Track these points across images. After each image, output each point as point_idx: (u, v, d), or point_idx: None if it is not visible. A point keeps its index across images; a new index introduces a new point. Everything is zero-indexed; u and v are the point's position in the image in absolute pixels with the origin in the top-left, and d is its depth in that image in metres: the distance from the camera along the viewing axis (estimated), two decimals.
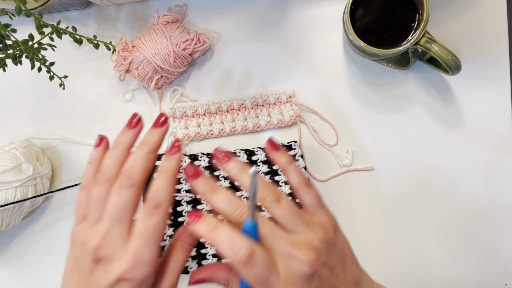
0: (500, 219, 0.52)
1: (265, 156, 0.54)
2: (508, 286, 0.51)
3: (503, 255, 0.51)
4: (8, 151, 0.53)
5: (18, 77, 0.59)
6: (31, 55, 0.44)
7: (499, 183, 0.52)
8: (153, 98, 0.57)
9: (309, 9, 0.55)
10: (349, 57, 0.54)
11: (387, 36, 0.48)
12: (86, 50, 0.58)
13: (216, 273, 0.36)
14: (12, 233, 0.58)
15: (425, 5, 0.44)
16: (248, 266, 0.31)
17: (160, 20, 0.53)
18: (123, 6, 0.57)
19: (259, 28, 0.55)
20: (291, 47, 0.55)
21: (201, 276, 0.36)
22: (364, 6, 0.48)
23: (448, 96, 0.53)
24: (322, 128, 0.54)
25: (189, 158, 0.55)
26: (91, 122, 0.58)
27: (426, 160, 0.53)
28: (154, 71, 0.52)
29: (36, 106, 0.59)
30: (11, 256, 0.58)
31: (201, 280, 0.36)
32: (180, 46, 0.51)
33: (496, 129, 0.52)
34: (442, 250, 0.52)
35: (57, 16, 0.58)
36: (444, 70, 0.48)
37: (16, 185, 0.51)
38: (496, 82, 0.52)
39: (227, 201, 0.35)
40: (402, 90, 0.53)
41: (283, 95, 0.54)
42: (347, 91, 0.54)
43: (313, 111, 0.54)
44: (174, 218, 0.55)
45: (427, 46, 0.45)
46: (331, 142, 0.54)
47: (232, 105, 0.55)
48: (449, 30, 0.52)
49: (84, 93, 0.58)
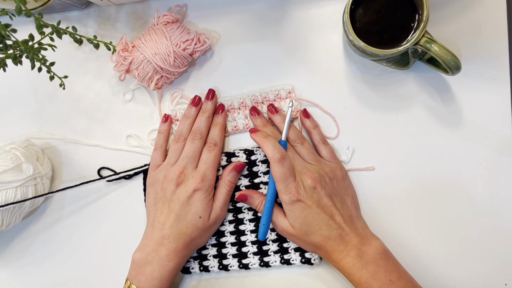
0: (500, 219, 0.52)
1: (264, 155, 0.54)
2: (508, 286, 0.51)
3: (503, 255, 0.51)
4: (8, 151, 0.53)
5: (18, 77, 0.59)
6: (31, 55, 0.44)
7: (499, 183, 0.52)
8: (153, 98, 0.57)
9: (309, 9, 0.55)
10: (349, 57, 0.54)
11: (387, 36, 0.48)
12: (86, 50, 0.58)
13: (253, 192, 0.52)
14: (12, 233, 0.59)
15: (425, 5, 0.44)
16: (279, 163, 0.47)
17: (160, 20, 0.53)
18: (123, 6, 0.57)
19: (259, 28, 0.55)
20: (291, 47, 0.55)
21: (244, 194, 0.51)
22: (364, 6, 0.48)
23: (448, 96, 0.53)
24: (323, 121, 0.54)
25: None
26: (91, 122, 0.58)
27: (426, 160, 0.53)
28: (154, 71, 0.52)
29: (36, 106, 0.59)
30: (11, 256, 0.59)
31: (243, 196, 0.51)
32: (180, 46, 0.51)
33: (496, 129, 0.52)
34: (442, 250, 0.52)
35: (57, 16, 0.58)
36: (444, 70, 0.48)
37: (16, 185, 0.51)
38: (496, 82, 0.52)
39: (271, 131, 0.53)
40: (402, 90, 0.53)
41: (282, 91, 0.54)
42: (347, 91, 0.54)
43: (314, 103, 0.54)
44: None
45: (427, 46, 0.45)
46: (332, 135, 0.54)
47: (233, 104, 0.55)
48: (449, 30, 0.52)
49: (84, 93, 0.58)
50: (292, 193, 0.47)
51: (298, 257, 0.52)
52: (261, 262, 0.53)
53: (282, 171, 0.47)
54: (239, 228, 0.54)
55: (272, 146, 0.48)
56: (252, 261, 0.53)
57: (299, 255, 0.52)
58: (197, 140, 0.52)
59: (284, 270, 0.54)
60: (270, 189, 0.50)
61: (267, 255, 0.53)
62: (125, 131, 0.57)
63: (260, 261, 0.53)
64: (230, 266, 0.54)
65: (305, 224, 0.47)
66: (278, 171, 0.47)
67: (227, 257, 0.54)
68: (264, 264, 0.53)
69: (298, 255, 0.52)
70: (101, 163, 0.57)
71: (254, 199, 0.51)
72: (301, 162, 0.49)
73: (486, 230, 0.52)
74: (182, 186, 0.50)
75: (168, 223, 0.49)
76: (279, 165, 0.47)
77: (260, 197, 0.51)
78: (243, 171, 0.54)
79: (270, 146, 0.48)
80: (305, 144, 0.51)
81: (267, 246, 0.53)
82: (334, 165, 0.51)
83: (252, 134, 0.50)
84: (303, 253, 0.52)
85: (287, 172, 0.47)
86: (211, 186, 0.51)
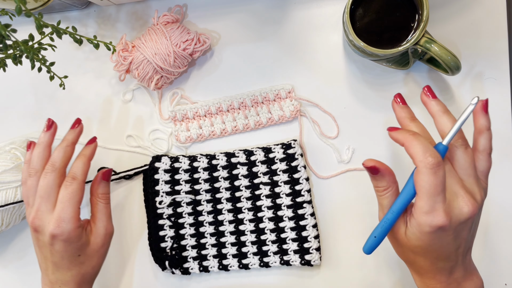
0: (500, 219, 0.52)
1: (263, 156, 0.54)
2: (508, 286, 0.51)
3: (503, 255, 0.51)
4: (8, 151, 0.53)
5: (18, 77, 0.59)
6: (31, 55, 0.44)
7: (498, 183, 0.52)
8: (153, 98, 0.57)
9: (309, 9, 0.55)
10: (349, 57, 0.54)
11: (387, 36, 0.48)
12: (86, 50, 0.58)
13: (388, 173, 0.39)
14: (12, 233, 0.58)
15: (425, 5, 0.44)
16: (432, 171, 0.35)
17: (160, 20, 0.53)
18: (123, 6, 0.57)
19: (259, 28, 0.55)
20: (291, 47, 0.55)
21: (377, 165, 0.39)
22: (364, 6, 0.48)
23: (448, 96, 0.53)
24: (323, 121, 0.54)
25: (188, 159, 0.55)
26: (91, 122, 0.58)
27: None
28: (154, 71, 0.52)
29: (36, 106, 0.59)
30: (11, 256, 0.58)
31: (374, 168, 0.39)
32: (180, 46, 0.52)
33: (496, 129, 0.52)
34: None
35: (57, 16, 0.58)
36: (444, 70, 0.48)
37: (16, 185, 0.51)
38: (496, 82, 0.52)
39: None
40: (402, 90, 0.53)
41: (282, 90, 0.54)
42: (347, 91, 0.54)
43: (314, 103, 0.54)
44: (175, 219, 0.55)
45: (427, 46, 0.45)
46: (332, 134, 0.54)
47: (232, 104, 0.55)
48: (449, 30, 0.52)
49: (84, 93, 0.58)
50: (438, 217, 0.35)
51: (298, 258, 0.52)
52: (261, 262, 0.53)
53: (434, 182, 0.35)
54: (239, 228, 0.54)
55: (424, 146, 0.36)
56: (252, 261, 0.53)
57: (299, 257, 0.52)
58: (49, 174, 0.44)
59: (284, 271, 0.54)
60: (403, 201, 0.38)
61: (267, 256, 0.53)
62: (125, 131, 0.57)
63: (260, 261, 0.53)
64: (230, 266, 0.54)
65: (423, 248, 0.38)
66: (428, 181, 0.35)
67: (227, 257, 0.54)
68: (264, 264, 0.53)
69: (298, 256, 0.52)
70: (101, 163, 0.57)
71: (384, 180, 0.39)
72: (456, 178, 0.37)
73: (486, 230, 0.52)
74: (41, 234, 0.44)
75: (50, 270, 0.46)
76: (431, 173, 0.35)
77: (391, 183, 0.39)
78: (243, 171, 0.54)
79: (420, 146, 0.36)
80: (469, 150, 0.39)
81: (267, 246, 0.53)
82: (486, 186, 0.40)
83: (392, 132, 0.39)
84: (303, 255, 0.52)
85: (439, 186, 0.35)
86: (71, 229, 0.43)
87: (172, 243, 0.54)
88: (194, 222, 0.55)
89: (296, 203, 0.53)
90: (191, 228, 0.55)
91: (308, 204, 0.53)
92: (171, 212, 0.55)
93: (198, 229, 0.55)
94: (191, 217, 0.55)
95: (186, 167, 0.55)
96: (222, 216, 0.54)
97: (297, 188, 0.53)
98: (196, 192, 0.55)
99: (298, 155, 0.53)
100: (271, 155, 0.53)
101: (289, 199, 0.53)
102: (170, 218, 0.55)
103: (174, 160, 0.55)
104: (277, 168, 0.53)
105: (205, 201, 0.55)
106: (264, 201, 0.54)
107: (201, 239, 0.55)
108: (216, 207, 0.54)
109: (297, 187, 0.53)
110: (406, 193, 0.38)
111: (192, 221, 0.55)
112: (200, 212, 0.55)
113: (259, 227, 0.54)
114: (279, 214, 0.53)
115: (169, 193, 0.54)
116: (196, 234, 0.55)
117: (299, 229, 0.53)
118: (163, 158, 0.55)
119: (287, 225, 0.53)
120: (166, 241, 0.55)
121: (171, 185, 0.54)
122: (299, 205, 0.53)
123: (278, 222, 0.53)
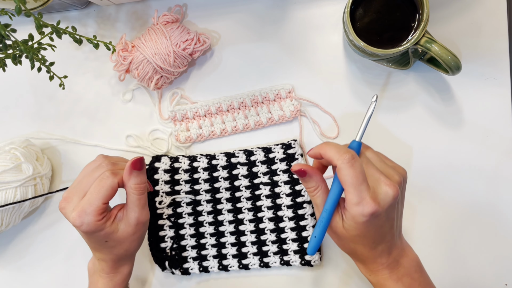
0: (500, 219, 0.52)
1: (263, 156, 0.54)
2: (508, 286, 0.51)
3: (503, 255, 0.51)
4: (8, 151, 0.53)
5: (18, 77, 0.59)
6: (31, 55, 0.44)
7: (499, 183, 0.52)
8: (153, 98, 0.57)
9: (309, 9, 0.55)
10: (349, 57, 0.54)
11: (387, 36, 0.48)
12: (86, 50, 0.58)
13: (315, 173, 0.42)
14: (12, 233, 0.58)
15: (425, 5, 0.44)
16: (349, 165, 0.38)
17: (160, 20, 0.53)
18: (123, 6, 0.57)
19: (259, 28, 0.55)
20: (291, 47, 0.55)
21: (303, 167, 0.41)
22: (364, 6, 0.48)
23: (448, 96, 0.53)
24: (323, 121, 0.54)
25: (188, 160, 0.55)
26: (91, 122, 0.58)
27: (426, 160, 0.53)
28: (154, 71, 0.52)
29: (35, 106, 0.59)
30: (11, 256, 0.58)
31: (301, 171, 0.41)
32: (180, 46, 0.51)
33: (496, 129, 0.52)
34: (442, 250, 0.52)
35: (57, 16, 0.58)
36: (444, 70, 0.48)
37: (16, 185, 0.51)
38: (496, 82, 0.52)
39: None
40: (402, 90, 0.53)
41: (282, 90, 0.54)
42: (347, 91, 0.54)
43: (314, 103, 0.54)
44: (175, 219, 0.55)
45: (427, 46, 0.45)
46: (332, 134, 0.54)
47: (232, 104, 0.55)
48: (449, 30, 0.52)
49: (84, 93, 0.58)
50: (368, 205, 0.38)
51: (298, 259, 0.52)
52: (261, 262, 0.53)
53: (354, 173, 0.38)
54: (239, 229, 0.54)
55: (337, 147, 0.40)
56: (252, 262, 0.53)
57: (299, 257, 0.52)
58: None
59: (284, 271, 0.54)
60: (332, 198, 0.41)
61: (267, 256, 0.53)
62: (124, 131, 0.57)
63: (260, 261, 0.53)
64: (230, 267, 0.54)
65: (361, 236, 0.40)
66: (348, 174, 0.38)
67: (227, 257, 0.54)
68: (264, 264, 0.53)
69: (298, 257, 0.52)
70: None
71: (312, 180, 0.42)
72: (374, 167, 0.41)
73: (486, 230, 0.52)
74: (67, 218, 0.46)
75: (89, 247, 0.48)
76: (349, 166, 0.38)
77: (319, 182, 0.42)
78: (243, 171, 0.54)
79: (334, 148, 0.39)
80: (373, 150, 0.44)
81: (267, 247, 0.53)
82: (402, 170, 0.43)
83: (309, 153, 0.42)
84: (303, 255, 0.52)
85: (359, 176, 0.38)
86: (93, 217, 0.44)
87: (172, 243, 0.54)
88: (194, 222, 0.55)
89: (296, 203, 0.53)
90: (191, 229, 0.55)
91: (308, 205, 0.53)
92: (171, 212, 0.55)
93: (198, 229, 0.55)
94: (191, 217, 0.55)
95: (186, 167, 0.54)
96: (222, 216, 0.54)
97: (297, 188, 0.53)
98: (196, 192, 0.55)
99: (298, 155, 0.53)
100: (271, 155, 0.53)
101: (289, 199, 0.53)
102: (170, 219, 0.55)
103: (174, 160, 0.55)
104: (277, 168, 0.53)
105: (205, 201, 0.55)
106: (264, 201, 0.54)
107: (201, 239, 0.55)
108: (216, 207, 0.54)
109: (297, 187, 0.53)
110: (334, 191, 0.41)
111: (192, 221, 0.55)
112: (200, 212, 0.55)
113: (259, 227, 0.54)
114: (279, 214, 0.53)
115: (169, 193, 0.54)
116: (196, 234, 0.55)
117: (299, 229, 0.53)
118: (163, 158, 0.55)
119: (287, 225, 0.53)
120: (166, 241, 0.55)
121: (171, 185, 0.54)
122: (299, 205, 0.53)
123: (278, 222, 0.53)
